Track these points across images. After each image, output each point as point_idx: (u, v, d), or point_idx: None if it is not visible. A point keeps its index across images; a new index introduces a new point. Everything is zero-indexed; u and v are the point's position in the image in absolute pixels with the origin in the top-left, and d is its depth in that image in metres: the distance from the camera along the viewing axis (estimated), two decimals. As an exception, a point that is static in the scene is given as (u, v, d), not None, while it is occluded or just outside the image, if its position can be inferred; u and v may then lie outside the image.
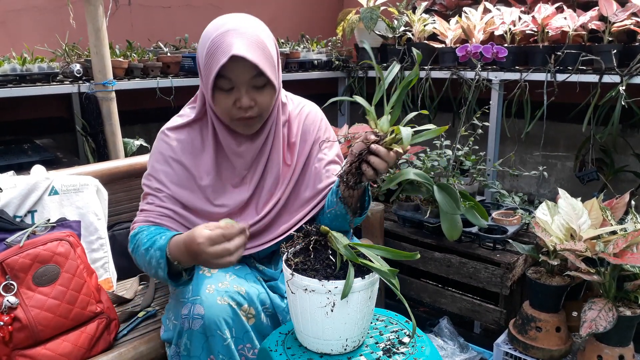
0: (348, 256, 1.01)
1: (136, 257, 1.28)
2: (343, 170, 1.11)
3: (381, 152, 1.05)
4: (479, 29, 2.52)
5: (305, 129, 1.41)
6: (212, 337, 1.18)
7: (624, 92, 2.06)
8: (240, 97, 1.20)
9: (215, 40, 1.18)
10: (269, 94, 1.24)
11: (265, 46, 1.21)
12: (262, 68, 1.18)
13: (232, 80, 1.19)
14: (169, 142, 1.34)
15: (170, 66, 2.52)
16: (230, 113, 1.23)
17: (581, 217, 1.55)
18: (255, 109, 1.23)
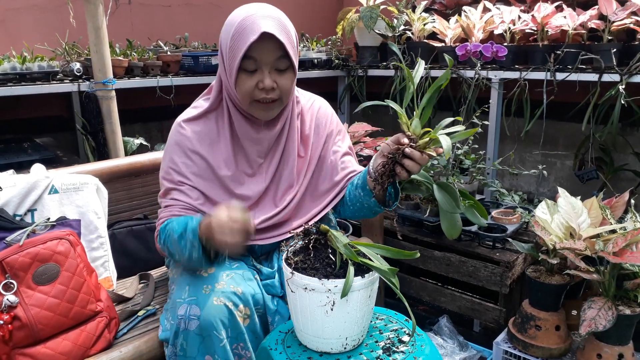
0: (348, 255, 1.01)
1: (169, 247, 1.27)
2: (377, 172, 1.12)
3: (416, 156, 1.07)
4: (479, 28, 2.52)
5: (318, 122, 1.43)
6: (208, 338, 1.18)
7: (623, 91, 2.06)
8: (264, 78, 1.23)
9: (243, 23, 1.21)
10: (290, 78, 1.27)
11: (289, 31, 1.25)
12: (288, 49, 1.21)
13: (257, 61, 1.22)
14: (185, 133, 1.35)
15: (170, 65, 2.52)
16: (252, 95, 1.25)
17: (581, 215, 1.55)
18: (277, 91, 1.26)
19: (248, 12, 1.22)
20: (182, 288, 1.27)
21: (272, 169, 1.37)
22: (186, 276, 1.31)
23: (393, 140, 1.13)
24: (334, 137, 1.44)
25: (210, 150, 1.34)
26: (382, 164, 1.12)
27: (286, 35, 1.22)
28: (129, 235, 1.77)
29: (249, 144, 1.35)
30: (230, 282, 1.27)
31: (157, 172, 1.90)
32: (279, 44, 1.20)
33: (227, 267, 1.33)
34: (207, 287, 1.24)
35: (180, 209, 1.31)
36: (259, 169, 1.37)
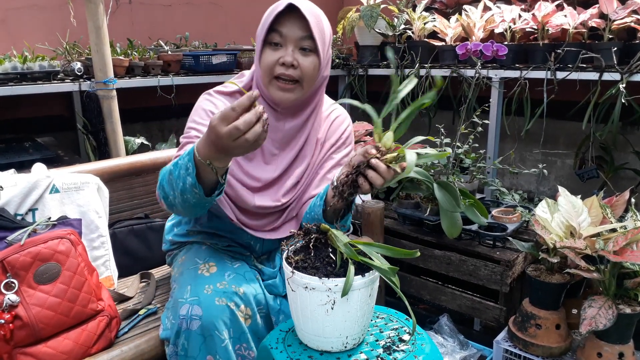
0: (348, 254, 1.01)
1: (164, 185, 1.18)
2: (339, 181, 1.10)
3: (380, 169, 1.05)
4: (479, 27, 2.52)
5: (330, 131, 1.44)
6: (210, 338, 1.18)
7: (624, 90, 2.06)
8: (286, 54, 1.24)
9: (275, 4, 1.26)
10: (312, 62, 1.27)
11: (320, 18, 1.27)
12: (313, 30, 1.23)
13: (283, 36, 1.24)
14: (214, 101, 1.35)
15: (171, 64, 2.52)
16: (272, 70, 1.26)
17: (581, 214, 1.55)
18: (298, 71, 1.26)
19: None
20: (183, 287, 1.27)
21: (285, 163, 1.37)
22: (188, 275, 1.31)
23: (361, 151, 1.10)
24: (338, 146, 1.44)
25: None
26: (346, 173, 1.09)
27: (315, 19, 1.24)
28: (130, 234, 1.78)
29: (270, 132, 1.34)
30: (231, 282, 1.27)
31: (158, 172, 1.91)
32: (305, 24, 1.23)
33: (228, 267, 1.33)
34: (208, 287, 1.24)
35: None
36: (272, 159, 1.37)
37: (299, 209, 1.41)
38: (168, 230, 1.56)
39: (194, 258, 1.38)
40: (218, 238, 1.46)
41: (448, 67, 2.62)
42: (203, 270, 1.31)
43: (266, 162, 1.37)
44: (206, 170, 1.07)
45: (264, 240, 1.45)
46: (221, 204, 1.33)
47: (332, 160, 1.42)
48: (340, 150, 1.44)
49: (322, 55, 1.28)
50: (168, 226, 1.58)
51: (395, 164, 1.05)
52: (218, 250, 1.42)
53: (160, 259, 1.80)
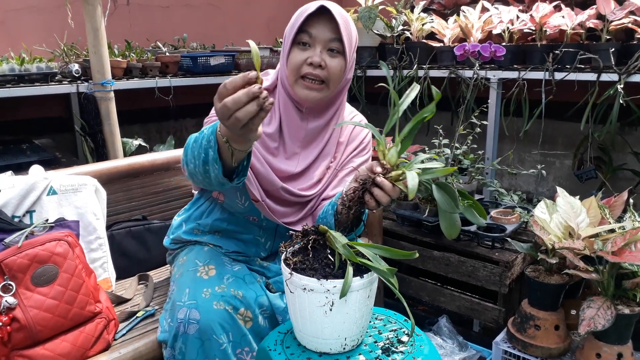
0: (347, 255, 1.01)
1: (187, 155, 1.15)
2: (347, 196, 1.10)
3: (386, 187, 1.04)
4: (477, 27, 2.52)
5: (353, 135, 1.45)
6: (207, 342, 1.18)
7: (622, 91, 2.06)
8: (314, 54, 1.26)
9: (307, 5, 1.27)
10: (339, 63, 1.29)
11: (349, 22, 1.30)
12: (342, 32, 1.25)
13: (312, 37, 1.26)
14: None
15: (169, 66, 2.52)
16: (299, 69, 1.27)
17: (579, 215, 1.55)
18: (325, 72, 1.27)
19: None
20: (182, 290, 1.27)
21: (307, 161, 1.37)
22: (187, 277, 1.31)
23: (367, 167, 1.10)
24: (360, 151, 1.45)
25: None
26: (353, 189, 1.09)
27: (344, 22, 1.27)
28: (128, 236, 1.77)
29: (289, 130, 1.35)
30: (230, 285, 1.27)
31: (156, 173, 1.92)
32: (334, 26, 1.25)
33: (228, 270, 1.33)
34: (207, 290, 1.24)
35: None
36: (294, 157, 1.37)
37: (317, 207, 1.41)
38: (176, 226, 1.54)
39: (195, 260, 1.37)
40: (226, 238, 1.45)
41: (446, 68, 2.62)
42: (202, 273, 1.30)
43: (288, 157, 1.37)
44: (225, 150, 1.05)
45: (274, 238, 1.45)
46: (248, 181, 1.30)
47: (352, 164, 1.43)
48: (361, 155, 1.45)
49: (348, 58, 1.29)
50: (177, 222, 1.56)
51: (400, 182, 1.04)
52: (219, 253, 1.41)
53: (159, 261, 1.79)
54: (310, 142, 1.38)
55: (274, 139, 1.35)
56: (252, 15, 3.27)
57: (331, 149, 1.41)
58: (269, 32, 3.30)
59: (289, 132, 1.36)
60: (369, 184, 1.06)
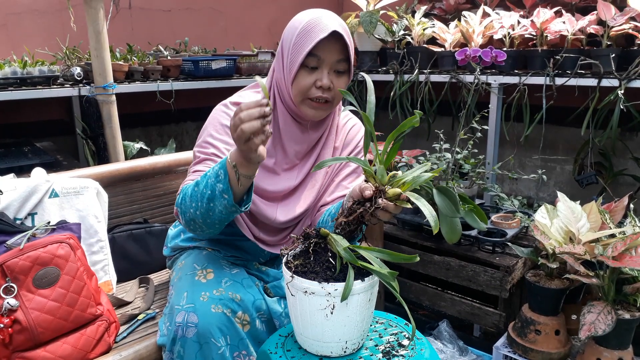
0: (348, 259, 1.01)
1: (185, 200, 1.18)
2: (345, 220, 1.07)
3: (389, 208, 1.03)
4: (478, 33, 2.53)
5: (347, 140, 1.45)
6: (206, 345, 1.18)
7: (622, 96, 2.07)
8: (322, 77, 1.26)
9: (312, 21, 1.24)
10: (344, 82, 1.30)
11: (351, 39, 1.30)
12: (350, 53, 1.26)
13: (320, 59, 1.25)
14: (231, 113, 1.33)
15: (171, 69, 2.53)
16: (307, 92, 1.27)
17: (580, 220, 1.55)
18: (332, 92, 1.28)
19: (316, 15, 1.26)
20: (180, 294, 1.27)
21: (305, 170, 1.39)
22: (185, 281, 1.31)
23: (361, 188, 1.06)
24: (354, 154, 1.46)
25: None
26: (350, 210, 1.07)
27: (349, 39, 1.27)
28: (129, 239, 1.78)
29: (291, 144, 1.36)
30: (228, 288, 1.27)
31: (157, 176, 1.92)
32: (343, 46, 1.25)
33: (226, 273, 1.33)
34: (205, 293, 1.24)
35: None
36: (293, 168, 1.38)
37: (314, 215, 1.42)
38: (173, 236, 1.55)
39: (193, 263, 1.38)
40: (224, 244, 1.46)
41: (447, 73, 2.63)
42: (200, 277, 1.31)
43: (288, 169, 1.38)
44: (233, 179, 1.10)
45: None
46: (238, 223, 1.33)
47: (348, 168, 1.43)
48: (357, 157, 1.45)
49: (351, 73, 1.32)
50: (174, 232, 1.57)
51: (402, 201, 1.04)
52: (218, 257, 1.42)
53: (159, 264, 1.80)
54: (309, 152, 1.40)
55: (271, 154, 1.35)
56: (254, 19, 3.28)
57: (328, 154, 1.41)
58: (270, 36, 3.31)
59: (291, 145, 1.36)
60: (370, 207, 1.04)
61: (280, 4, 3.39)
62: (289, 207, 1.37)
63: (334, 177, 1.43)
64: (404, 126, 1.05)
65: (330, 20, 1.24)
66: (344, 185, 1.41)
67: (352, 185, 1.40)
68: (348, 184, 1.41)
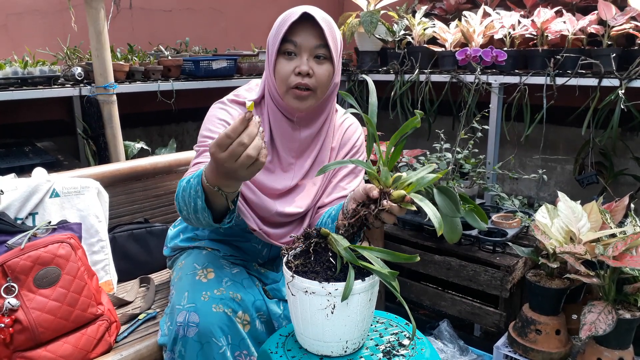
0: (348, 258, 1.01)
1: (179, 199, 1.17)
2: (348, 220, 1.07)
3: (394, 210, 1.03)
4: (479, 32, 2.53)
5: (344, 140, 1.45)
6: (207, 345, 1.18)
7: (623, 96, 2.07)
8: (301, 63, 1.25)
9: (289, 12, 1.26)
10: (327, 69, 1.28)
11: (333, 26, 1.28)
12: (327, 38, 1.24)
13: (297, 46, 1.25)
14: (228, 110, 1.35)
15: (171, 69, 2.53)
16: (288, 80, 1.26)
17: (581, 220, 1.55)
18: (313, 79, 1.27)
19: (295, 6, 1.27)
20: (181, 293, 1.27)
21: (302, 171, 1.38)
22: (186, 281, 1.31)
23: (364, 190, 1.06)
24: (352, 155, 1.45)
25: None
26: (354, 212, 1.07)
27: (328, 27, 1.25)
28: (130, 239, 1.78)
29: (283, 141, 1.35)
30: (229, 288, 1.27)
31: (158, 176, 1.93)
32: (319, 32, 1.24)
33: (226, 273, 1.33)
34: (205, 293, 1.24)
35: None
36: (289, 167, 1.38)
37: (313, 216, 1.41)
38: (173, 237, 1.56)
39: (193, 263, 1.38)
40: (224, 244, 1.46)
41: (448, 73, 2.63)
42: (201, 277, 1.31)
43: (284, 170, 1.37)
44: (215, 195, 1.07)
45: (271, 246, 1.45)
46: (242, 214, 1.32)
47: (346, 169, 1.42)
48: (355, 157, 1.45)
49: (335, 63, 1.29)
50: (173, 233, 1.57)
51: (406, 203, 1.03)
52: (218, 256, 1.42)
53: (160, 264, 1.80)
54: (304, 151, 1.39)
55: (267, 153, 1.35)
56: (254, 19, 3.28)
57: (325, 155, 1.40)
58: (271, 36, 3.31)
59: (282, 143, 1.36)
60: (374, 210, 1.04)
61: (280, 4, 3.39)
62: (288, 201, 1.37)
63: (332, 178, 1.42)
64: (406, 127, 1.05)
65: (306, 7, 1.24)
66: (342, 187, 1.40)
67: (350, 186, 1.40)
68: (346, 185, 1.40)
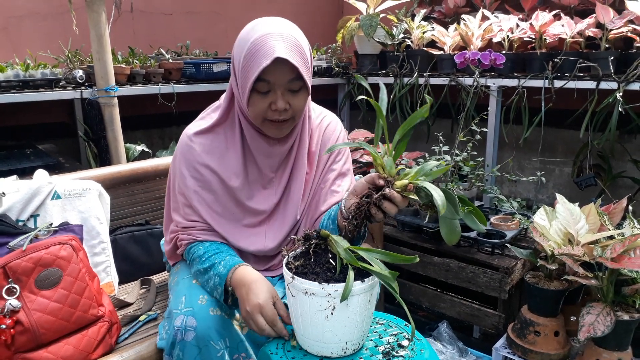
0: (348, 259, 1.02)
1: (192, 268, 1.33)
2: (349, 212, 1.09)
3: (396, 199, 1.03)
4: (477, 36, 2.55)
5: (324, 139, 1.41)
6: (205, 349, 1.18)
7: (621, 99, 2.08)
8: (277, 99, 1.20)
9: (257, 43, 1.17)
10: (303, 97, 1.24)
11: (303, 51, 1.21)
12: (301, 71, 1.18)
13: (270, 83, 1.19)
14: (195, 147, 1.32)
15: (172, 72, 2.54)
16: (264, 115, 1.23)
17: (579, 222, 1.56)
18: (290, 111, 1.23)
19: (262, 31, 1.18)
20: (178, 298, 1.27)
21: (282, 183, 1.36)
22: (182, 285, 1.31)
23: (367, 180, 1.08)
24: (335, 156, 1.42)
25: (220, 163, 1.32)
26: (356, 204, 1.07)
27: (300, 56, 1.19)
28: (131, 240, 1.78)
29: (261, 158, 1.33)
30: None
31: (159, 178, 1.93)
32: (292, 67, 1.17)
33: None
34: (203, 297, 1.24)
35: (199, 232, 1.33)
36: (270, 183, 1.36)
37: (311, 226, 1.39)
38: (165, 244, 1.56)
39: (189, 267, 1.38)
40: None
41: (446, 76, 2.64)
42: (197, 281, 1.31)
43: (264, 187, 1.36)
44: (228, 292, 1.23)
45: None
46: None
47: (333, 172, 1.39)
48: (338, 160, 1.41)
49: (309, 83, 1.24)
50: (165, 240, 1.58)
51: (409, 192, 1.04)
52: None
53: (161, 266, 1.80)
54: (281, 163, 1.37)
55: (243, 177, 1.33)
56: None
57: (303, 160, 1.37)
58: (270, 39, 3.32)
59: (262, 160, 1.34)
60: (376, 198, 1.05)
61: (279, 6, 3.41)
62: (275, 228, 1.37)
63: (321, 185, 1.39)
64: (414, 119, 1.05)
65: (276, 41, 1.15)
66: (334, 190, 1.38)
67: (342, 187, 1.38)
68: (338, 188, 1.38)
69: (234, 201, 1.34)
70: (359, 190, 1.10)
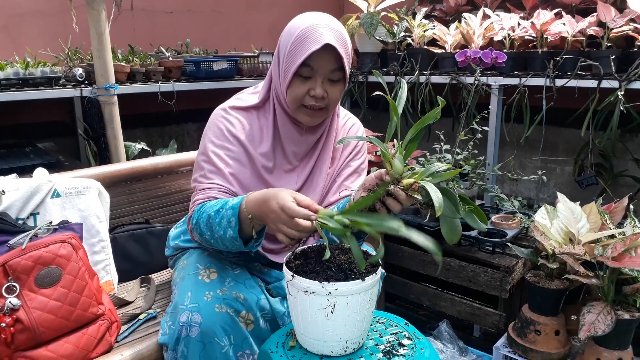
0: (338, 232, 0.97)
1: (200, 225, 1.23)
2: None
3: (400, 197, 1.05)
4: (479, 34, 2.54)
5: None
6: (209, 345, 1.19)
7: (622, 97, 2.07)
8: (316, 86, 1.25)
9: (307, 30, 1.22)
10: (339, 89, 1.30)
11: (347, 45, 1.28)
12: (344, 62, 1.24)
13: (313, 69, 1.24)
14: (230, 118, 1.35)
15: (172, 71, 2.54)
16: (301, 100, 1.27)
17: (580, 221, 1.56)
18: (326, 100, 1.28)
19: (312, 21, 1.24)
20: (184, 293, 1.27)
21: (305, 172, 1.40)
22: (188, 280, 1.32)
23: (376, 175, 1.12)
24: (355, 154, 1.47)
25: (250, 141, 1.34)
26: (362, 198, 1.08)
27: (345, 48, 1.25)
28: (130, 239, 1.78)
29: (290, 145, 1.37)
30: (232, 288, 1.27)
31: (158, 177, 1.93)
32: (337, 56, 1.23)
33: (229, 273, 1.34)
34: (209, 293, 1.24)
35: (219, 192, 1.29)
36: (293, 171, 1.39)
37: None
38: (174, 237, 1.56)
39: (196, 263, 1.38)
40: None
41: (447, 74, 2.64)
42: (204, 276, 1.31)
43: (287, 173, 1.39)
44: (246, 223, 1.14)
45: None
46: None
47: (349, 168, 1.44)
48: (357, 158, 1.46)
49: (347, 79, 1.30)
50: (175, 233, 1.58)
51: (413, 191, 1.04)
52: (220, 256, 1.42)
53: (161, 264, 1.80)
54: (308, 153, 1.41)
55: (270, 157, 1.36)
56: (255, 21, 3.29)
57: (327, 154, 1.42)
58: (271, 37, 3.32)
59: (290, 147, 1.37)
60: (382, 195, 1.06)
61: (280, 6, 3.40)
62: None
63: (336, 178, 1.44)
64: (426, 119, 1.06)
65: (325, 30, 1.22)
66: (346, 185, 1.42)
67: (354, 185, 1.41)
68: (350, 184, 1.42)
69: (258, 177, 1.35)
70: (367, 185, 1.13)
